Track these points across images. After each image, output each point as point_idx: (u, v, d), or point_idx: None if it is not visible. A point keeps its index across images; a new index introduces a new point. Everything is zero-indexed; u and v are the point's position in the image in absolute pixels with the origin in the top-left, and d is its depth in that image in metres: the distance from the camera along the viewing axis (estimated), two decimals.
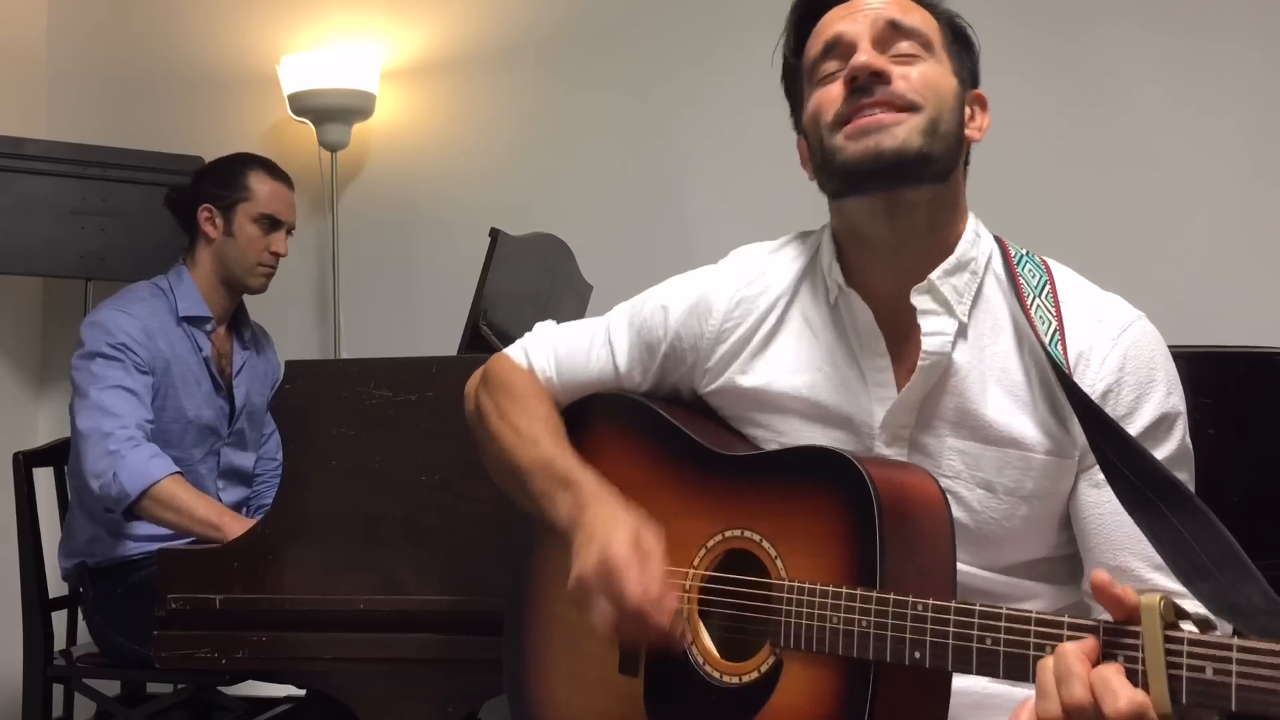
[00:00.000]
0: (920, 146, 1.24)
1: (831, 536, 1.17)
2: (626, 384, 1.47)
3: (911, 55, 1.28)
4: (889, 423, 1.29)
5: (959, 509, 1.26)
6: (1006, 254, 1.34)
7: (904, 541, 1.15)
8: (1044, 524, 1.29)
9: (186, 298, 2.64)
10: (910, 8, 1.31)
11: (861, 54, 1.26)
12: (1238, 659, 0.88)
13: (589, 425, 1.48)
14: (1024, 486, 1.27)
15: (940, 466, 1.27)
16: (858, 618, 1.12)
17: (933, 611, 1.07)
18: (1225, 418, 1.89)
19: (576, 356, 1.50)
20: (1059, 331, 1.26)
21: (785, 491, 1.24)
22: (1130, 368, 1.26)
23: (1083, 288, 1.33)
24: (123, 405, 2.43)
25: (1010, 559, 1.29)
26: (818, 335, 1.35)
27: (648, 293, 1.49)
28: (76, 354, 2.51)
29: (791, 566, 1.20)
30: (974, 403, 1.27)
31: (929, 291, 1.28)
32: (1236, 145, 2.97)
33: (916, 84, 1.26)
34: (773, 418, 1.36)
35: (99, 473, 2.34)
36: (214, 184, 2.69)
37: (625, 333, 1.47)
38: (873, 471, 1.16)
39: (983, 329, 1.30)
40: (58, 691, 2.65)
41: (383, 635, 1.88)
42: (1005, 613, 1.03)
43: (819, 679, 1.16)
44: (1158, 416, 1.25)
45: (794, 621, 1.17)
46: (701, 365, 1.41)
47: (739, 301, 1.40)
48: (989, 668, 1.04)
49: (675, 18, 3.25)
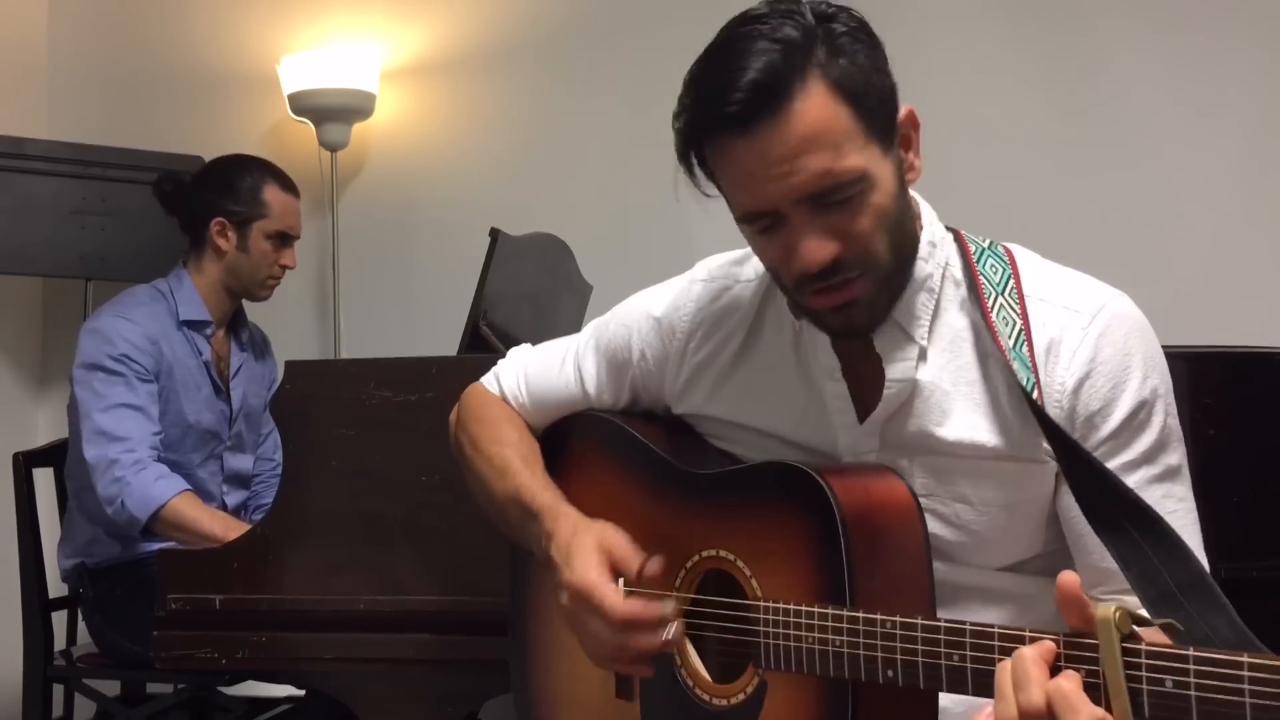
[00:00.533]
0: (887, 299, 1.22)
1: (799, 555, 1.16)
2: (597, 405, 1.46)
3: (846, 200, 1.15)
4: (852, 449, 1.27)
5: (939, 524, 1.24)
6: (966, 252, 1.28)
7: (872, 554, 1.13)
8: (1030, 526, 1.26)
9: (187, 302, 2.62)
10: (820, 138, 1.13)
11: (808, 249, 1.15)
12: (1195, 670, 0.87)
13: (567, 447, 1.47)
14: (1001, 496, 1.24)
15: (913, 485, 1.23)
16: (830, 637, 1.10)
17: (901, 629, 1.05)
18: (1225, 418, 1.89)
19: (546, 381, 1.49)
20: (1024, 331, 1.22)
21: (754, 510, 1.23)
22: (1103, 356, 1.21)
23: (1049, 275, 1.27)
24: (128, 426, 2.44)
25: (1003, 560, 1.28)
26: (780, 363, 1.33)
27: (614, 311, 1.48)
28: (78, 362, 2.50)
29: (766, 586, 1.19)
30: (938, 421, 1.24)
31: (886, 323, 1.25)
32: (1237, 145, 2.97)
33: (864, 241, 1.17)
34: (739, 443, 1.36)
35: (109, 500, 2.38)
36: (228, 197, 2.64)
37: (592, 356, 1.46)
38: (836, 483, 1.14)
39: (943, 344, 1.26)
40: (58, 691, 2.65)
41: (383, 635, 1.88)
42: (969, 628, 1.02)
43: (801, 699, 1.15)
44: (1136, 404, 1.21)
45: (772, 642, 1.16)
46: (670, 384, 1.40)
47: (701, 322, 1.38)
48: (959, 685, 1.02)
49: (675, 17, 3.24)
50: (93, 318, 2.59)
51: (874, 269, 1.19)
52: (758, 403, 1.33)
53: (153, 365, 2.52)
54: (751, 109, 1.13)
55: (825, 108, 1.13)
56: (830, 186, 1.14)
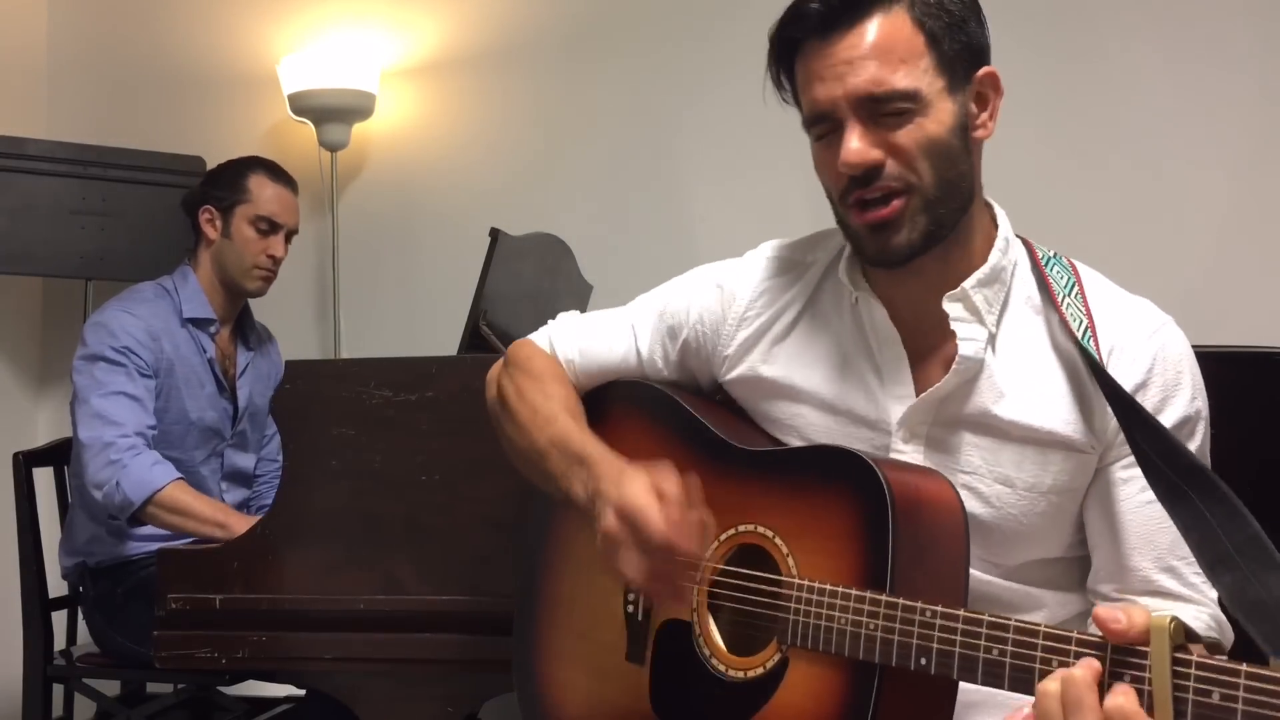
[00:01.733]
0: (926, 227, 1.26)
1: (844, 536, 1.18)
2: (649, 370, 1.48)
3: (899, 114, 1.23)
4: (907, 420, 1.30)
5: (977, 503, 1.27)
6: (1034, 256, 1.36)
7: (916, 546, 1.15)
8: (1061, 521, 1.30)
9: (191, 299, 2.64)
10: (888, 52, 1.23)
11: (850, 148, 1.23)
12: (1245, 685, 0.87)
13: (608, 412, 1.48)
14: (1043, 482, 1.28)
15: (958, 462, 1.28)
16: (865, 620, 1.12)
17: (941, 619, 1.07)
18: (1225, 418, 1.88)
19: (600, 342, 1.51)
20: (1090, 329, 1.28)
21: (800, 489, 1.24)
22: (1159, 369, 1.27)
23: (1111, 290, 1.35)
24: (124, 412, 2.43)
25: (1023, 557, 1.30)
26: (837, 332, 1.37)
27: (672, 281, 1.52)
28: (79, 354, 2.50)
29: (802, 564, 1.20)
30: (994, 403, 1.28)
31: (961, 300, 1.29)
32: (1238, 144, 2.97)
33: (909, 157, 1.23)
34: (790, 409, 1.37)
35: (101, 482, 2.36)
36: (216, 186, 2.70)
37: (648, 318, 1.49)
38: (889, 475, 1.16)
39: (1009, 334, 1.31)
40: (58, 691, 2.65)
41: (383, 635, 1.88)
42: (1014, 624, 1.03)
43: (824, 678, 1.16)
44: (1181, 419, 1.27)
45: (802, 620, 1.17)
46: (722, 351, 1.43)
47: (763, 291, 1.42)
48: (994, 679, 1.03)
49: (675, 18, 3.25)
50: (97, 312, 2.60)
51: (916, 190, 1.24)
52: (812, 368, 1.36)
53: (153, 361, 2.52)
54: (830, 15, 1.24)
55: (901, 29, 1.23)
56: (883, 95, 1.22)
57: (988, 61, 1.30)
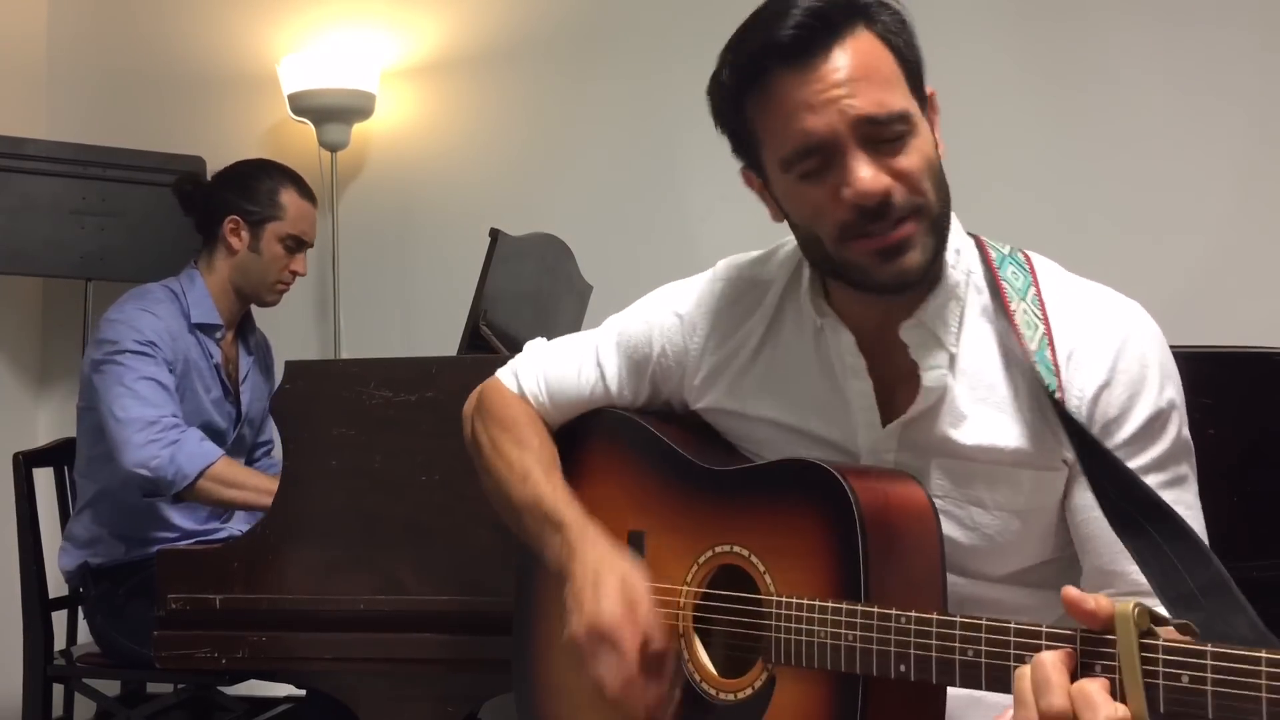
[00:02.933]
0: (934, 247, 1.22)
1: (816, 551, 1.17)
2: (619, 403, 1.47)
3: (896, 138, 1.18)
4: (873, 447, 1.28)
5: (952, 526, 1.25)
6: (988, 259, 1.30)
7: (889, 553, 1.14)
8: (1041, 532, 1.28)
9: (199, 304, 2.61)
10: (874, 72, 1.17)
11: (863, 178, 1.16)
12: (1212, 665, 0.88)
13: (582, 441, 1.48)
14: (1015, 501, 1.25)
15: (929, 488, 1.25)
16: (844, 632, 1.11)
17: (915, 624, 1.07)
18: (1225, 418, 1.89)
19: (567, 379, 1.48)
20: (1047, 335, 1.24)
21: (771, 506, 1.23)
22: (1122, 365, 1.23)
23: (1069, 284, 1.29)
24: (161, 396, 2.44)
25: (1012, 566, 1.29)
26: (800, 359, 1.34)
27: (634, 308, 1.48)
28: (102, 350, 2.48)
29: (779, 581, 1.20)
30: (958, 426, 1.26)
31: (918, 327, 1.26)
32: (1237, 143, 2.97)
33: (914, 180, 1.18)
34: (758, 439, 1.36)
35: (147, 459, 2.35)
36: (245, 197, 2.64)
37: (613, 353, 1.46)
38: (856, 483, 1.15)
39: (967, 351, 1.27)
40: (58, 691, 2.65)
41: (383, 635, 1.88)
42: (985, 623, 1.03)
43: (810, 694, 1.16)
44: (1152, 413, 1.23)
45: (783, 637, 1.17)
46: (689, 381, 1.41)
47: (723, 319, 1.39)
48: (972, 680, 1.03)
49: (675, 18, 3.25)
50: (114, 310, 2.56)
51: (925, 213, 1.20)
52: (777, 397, 1.35)
53: (173, 359, 2.53)
54: (807, 37, 1.17)
55: (873, 50, 1.19)
56: (884, 118, 1.17)
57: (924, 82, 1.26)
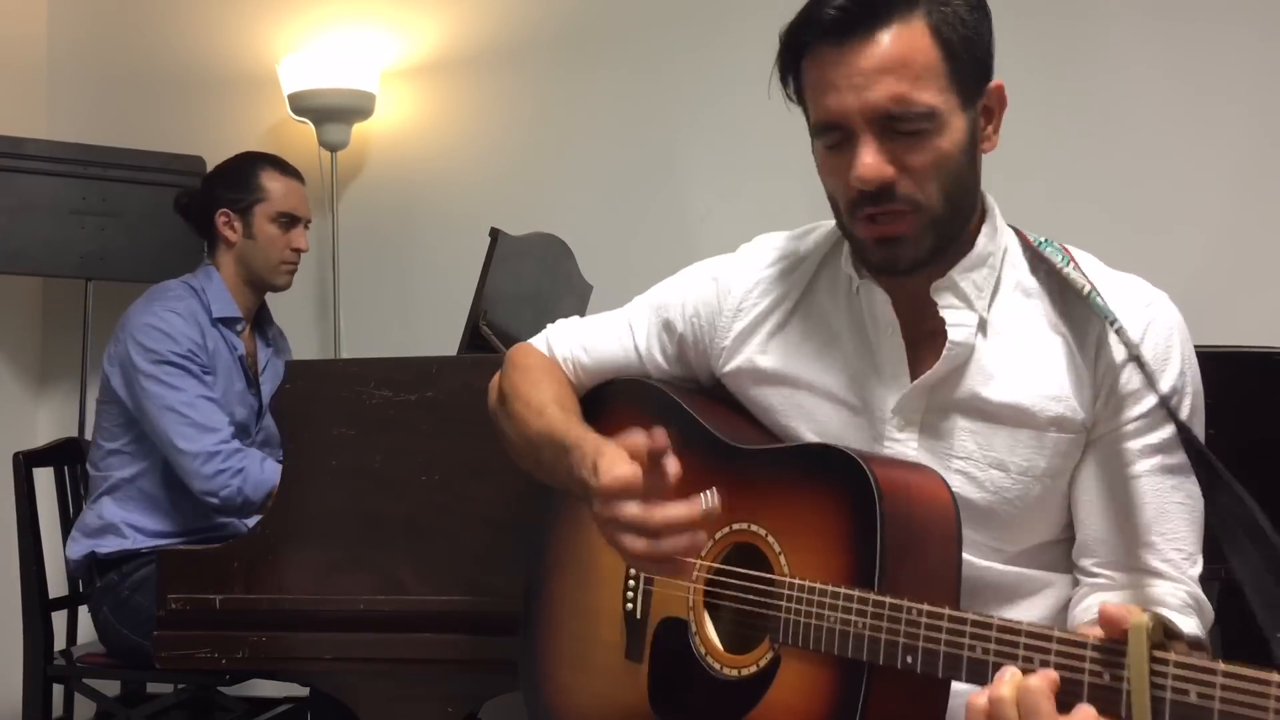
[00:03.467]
0: (932, 244, 1.26)
1: (834, 535, 1.18)
2: (649, 366, 1.49)
3: (914, 133, 1.20)
4: (902, 407, 1.31)
5: (973, 489, 1.28)
6: (1026, 241, 1.35)
7: (906, 544, 1.15)
8: (1056, 503, 1.31)
9: (218, 299, 2.65)
10: (905, 66, 1.19)
11: (864, 163, 1.20)
12: (1222, 684, 0.88)
13: (606, 411, 1.49)
14: (1037, 465, 1.28)
15: (952, 448, 1.29)
16: (854, 619, 1.12)
17: (926, 617, 1.07)
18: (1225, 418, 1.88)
19: (599, 341, 1.52)
20: (1094, 290, 1.28)
21: (793, 488, 1.24)
22: (1148, 344, 1.27)
23: (1104, 267, 1.35)
24: (212, 416, 2.50)
25: (1021, 542, 1.30)
26: (834, 321, 1.37)
27: (668, 278, 1.52)
28: (144, 358, 2.50)
29: (794, 563, 1.21)
30: (983, 385, 1.29)
31: (950, 288, 1.30)
32: (1238, 142, 2.97)
33: (921, 177, 1.22)
34: (787, 398, 1.38)
35: (217, 489, 2.44)
36: (227, 187, 2.70)
37: (645, 315, 1.50)
38: (879, 472, 1.16)
39: (1000, 319, 1.31)
40: (58, 691, 2.65)
41: (383, 635, 1.88)
42: (996, 623, 1.03)
43: (814, 676, 1.16)
44: (1170, 389, 1.26)
45: (793, 618, 1.18)
46: (719, 343, 1.43)
47: (758, 281, 1.42)
48: (978, 677, 1.04)
49: (676, 18, 3.25)
50: (142, 311, 2.58)
51: (924, 210, 1.23)
52: (809, 357, 1.37)
53: (207, 360, 2.57)
54: (846, 21, 1.19)
55: (918, 41, 1.20)
56: (900, 114, 1.19)
57: (993, 74, 1.28)
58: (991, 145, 1.30)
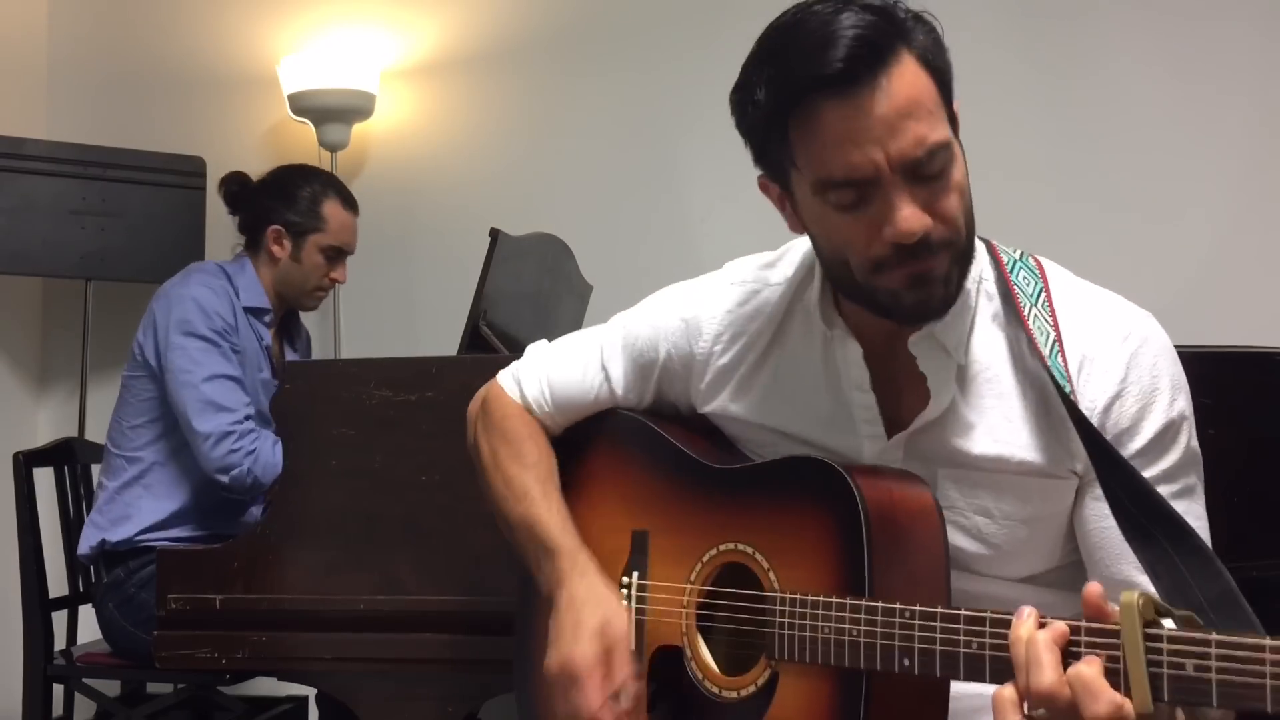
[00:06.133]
0: (959, 279, 1.20)
1: (821, 547, 1.17)
2: (623, 405, 1.46)
3: (937, 172, 1.14)
4: (876, 459, 1.28)
5: (960, 536, 1.25)
6: (999, 263, 1.29)
7: (893, 550, 1.14)
8: (1048, 540, 1.27)
9: (249, 289, 2.64)
10: (918, 105, 1.13)
11: (906, 216, 1.12)
12: (1217, 654, 0.88)
13: (587, 440, 1.47)
14: (1023, 510, 1.25)
15: (935, 499, 1.23)
16: (847, 627, 1.11)
17: (920, 618, 1.07)
18: (1225, 418, 1.88)
19: (571, 383, 1.47)
20: (1058, 342, 1.23)
21: (776, 503, 1.23)
22: (1134, 376, 1.22)
23: (1080, 291, 1.29)
24: (231, 396, 2.49)
25: (1020, 572, 1.28)
26: (807, 368, 1.33)
27: (639, 309, 1.47)
28: (173, 326, 2.50)
29: (783, 578, 1.20)
30: (965, 435, 1.25)
31: (927, 339, 1.25)
32: (1237, 143, 2.97)
33: (951, 215, 1.16)
34: (762, 445, 1.36)
35: (228, 468, 2.45)
36: (289, 207, 2.67)
37: (619, 356, 1.45)
38: (861, 480, 1.15)
39: (977, 359, 1.26)
40: (58, 691, 2.65)
41: (383, 635, 1.88)
42: (990, 616, 1.03)
43: (813, 689, 1.16)
44: (1164, 425, 1.22)
45: (786, 633, 1.17)
46: (695, 385, 1.40)
47: (729, 324, 1.37)
48: (976, 673, 1.03)
49: (675, 18, 3.25)
50: (180, 284, 2.57)
51: (956, 246, 1.18)
52: (782, 405, 1.34)
53: (238, 341, 2.56)
54: (856, 68, 1.11)
55: (917, 77, 1.13)
56: (927, 155, 1.12)
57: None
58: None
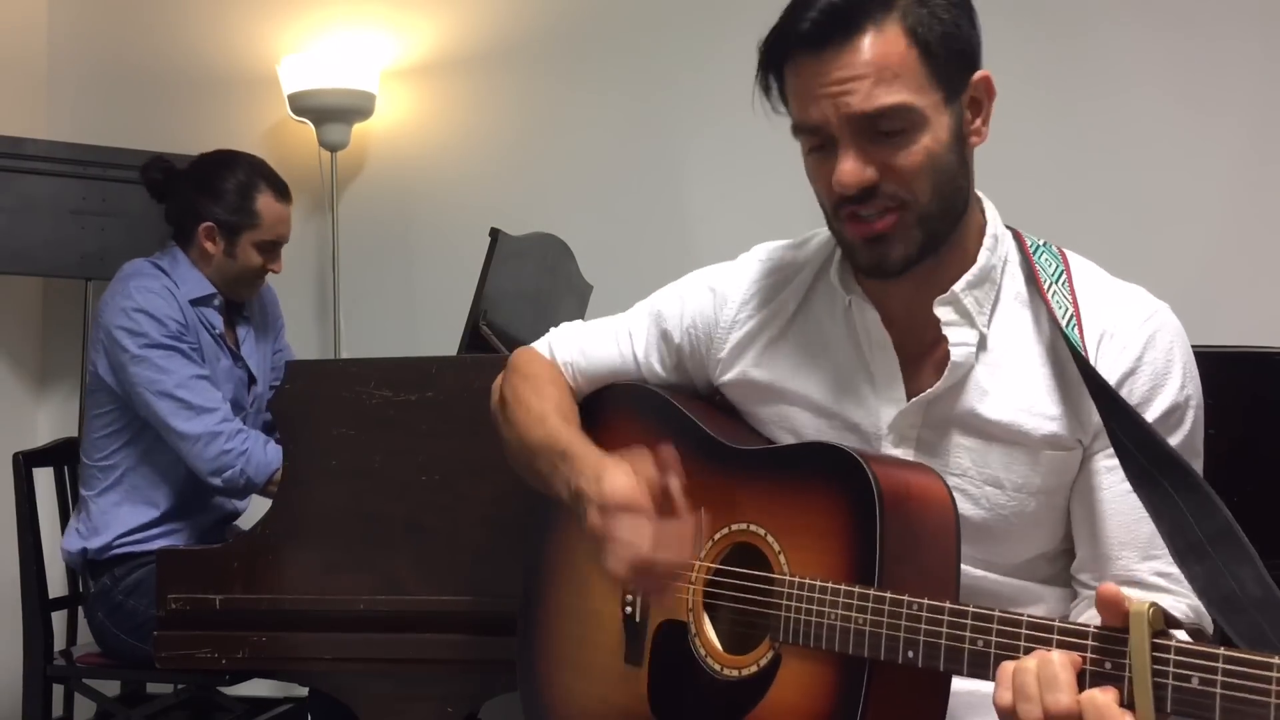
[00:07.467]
0: (921, 240, 1.25)
1: (833, 533, 1.18)
2: (646, 374, 1.50)
3: (895, 133, 1.21)
4: (897, 424, 1.31)
5: (968, 505, 1.27)
6: (1023, 246, 1.35)
7: (905, 541, 1.15)
8: (1053, 518, 1.31)
9: (186, 279, 2.57)
10: (882, 69, 1.19)
11: (843, 169, 1.21)
12: (1224, 669, 0.88)
13: (604, 416, 1.50)
14: (1032, 482, 1.28)
15: (948, 465, 1.29)
16: (854, 615, 1.12)
17: (927, 611, 1.08)
18: (1225, 418, 1.89)
19: (598, 348, 1.53)
20: (1076, 319, 1.27)
21: (791, 487, 1.25)
22: (1149, 357, 1.27)
23: (1102, 278, 1.34)
24: (207, 395, 2.47)
25: (1017, 556, 1.30)
26: (829, 336, 1.37)
27: (667, 286, 1.53)
28: (129, 341, 2.45)
29: (794, 562, 1.21)
30: (982, 403, 1.29)
31: (952, 303, 1.29)
32: (1237, 143, 2.97)
33: (905, 176, 1.22)
34: (781, 412, 1.38)
35: (220, 469, 2.43)
36: (216, 201, 2.59)
37: (644, 323, 1.51)
38: (878, 470, 1.17)
39: (998, 332, 1.31)
40: (58, 691, 2.65)
41: (383, 635, 1.88)
42: (998, 615, 1.04)
43: (815, 674, 1.17)
44: (1171, 405, 1.26)
45: (793, 616, 1.18)
46: (715, 354, 1.43)
47: (755, 293, 1.42)
48: (980, 669, 1.04)
49: (675, 18, 3.25)
50: (120, 295, 2.51)
51: (911, 206, 1.23)
52: (805, 371, 1.37)
53: (194, 339, 2.53)
54: (822, 30, 1.21)
55: (894, 44, 1.20)
56: (877, 115, 1.20)
57: (980, 64, 1.28)
58: (981, 138, 1.29)
